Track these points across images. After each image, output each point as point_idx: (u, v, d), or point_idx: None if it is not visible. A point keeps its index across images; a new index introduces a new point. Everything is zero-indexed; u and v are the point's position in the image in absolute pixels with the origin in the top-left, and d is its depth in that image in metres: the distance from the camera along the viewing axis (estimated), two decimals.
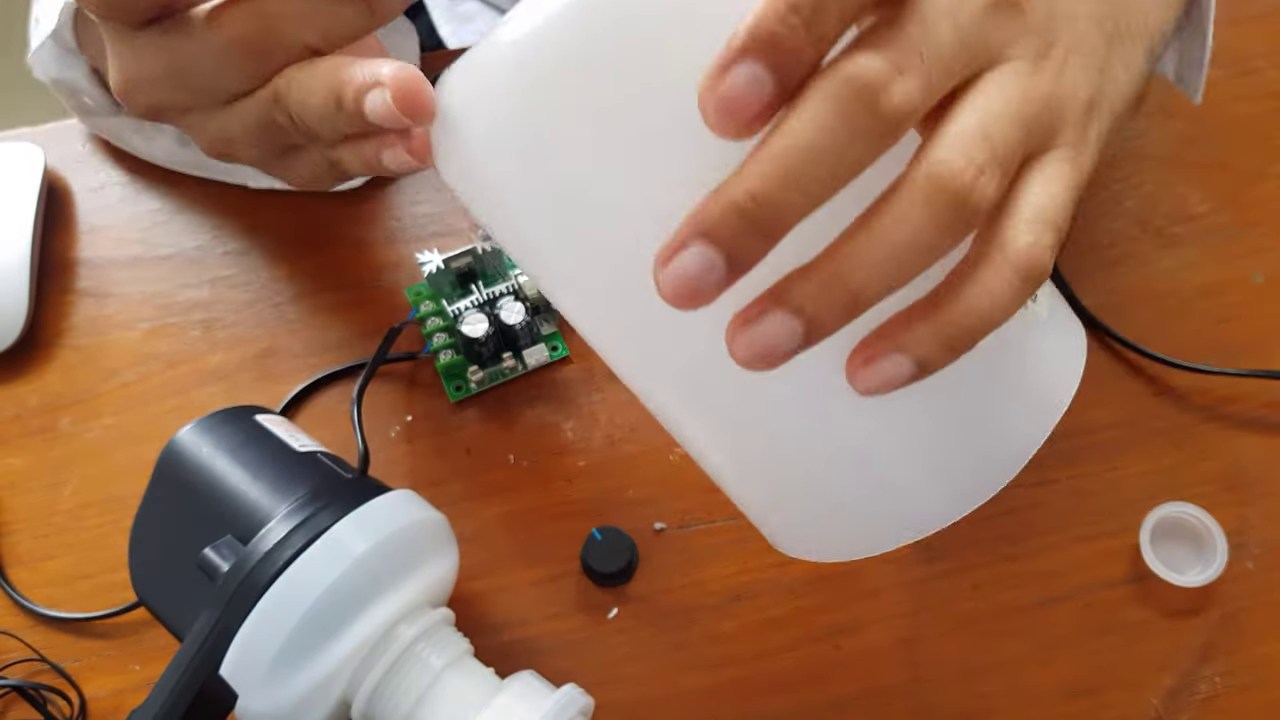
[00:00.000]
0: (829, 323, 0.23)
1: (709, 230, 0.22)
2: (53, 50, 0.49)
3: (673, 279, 0.23)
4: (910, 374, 0.24)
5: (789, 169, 0.22)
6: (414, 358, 0.48)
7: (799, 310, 0.23)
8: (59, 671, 0.44)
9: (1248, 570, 0.44)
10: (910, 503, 0.29)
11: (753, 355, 0.24)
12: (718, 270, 0.23)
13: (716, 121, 0.22)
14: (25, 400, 0.49)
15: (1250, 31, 0.54)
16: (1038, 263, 0.25)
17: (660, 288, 0.23)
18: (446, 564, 0.40)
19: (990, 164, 0.24)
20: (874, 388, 0.24)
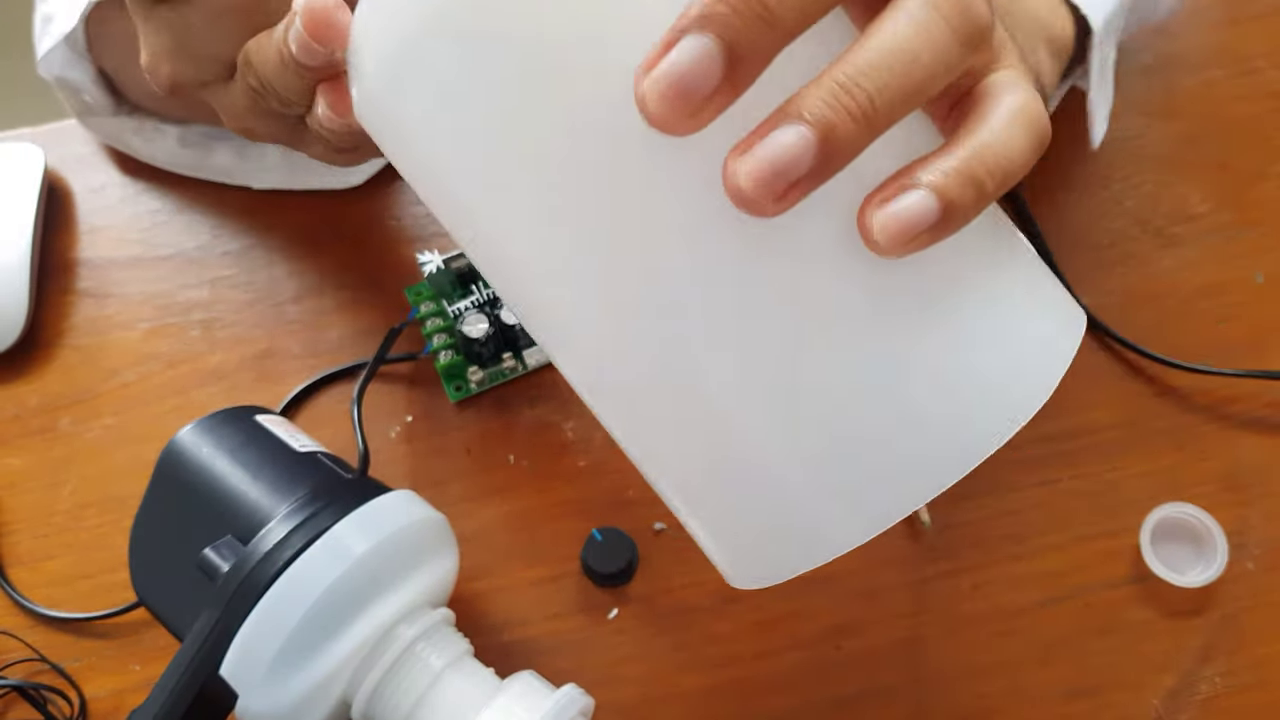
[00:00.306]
0: (847, 138, 0.20)
1: (709, 14, 0.19)
2: (63, 51, 0.49)
3: (662, 80, 0.19)
4: (935, 217, 0.21)
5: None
6: (414, 358, 0.48)
7: (815, 119, 0.20)
8: (59, 671, 0.44)
9: (1248, 570, 0.44)
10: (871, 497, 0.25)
11: (762, 179, 0.20)
12: (718, 66, 0.19)
13: None
14: (25, 400, 0.49)
15: (1250, 31, 0.54)
16: (1042, 118, 0.23)
17: (645, 103, 0.19)
18: (447, 564, 0.39)
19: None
20: (894, 237, 0.21)
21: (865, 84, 0.20)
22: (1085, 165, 0.52)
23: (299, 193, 0.52)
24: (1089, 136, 0.48)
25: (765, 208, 0.20)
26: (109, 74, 0.51)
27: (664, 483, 0.27)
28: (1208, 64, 0.54)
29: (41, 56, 0.49)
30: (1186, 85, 0.53)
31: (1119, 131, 0.52)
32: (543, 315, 0.25)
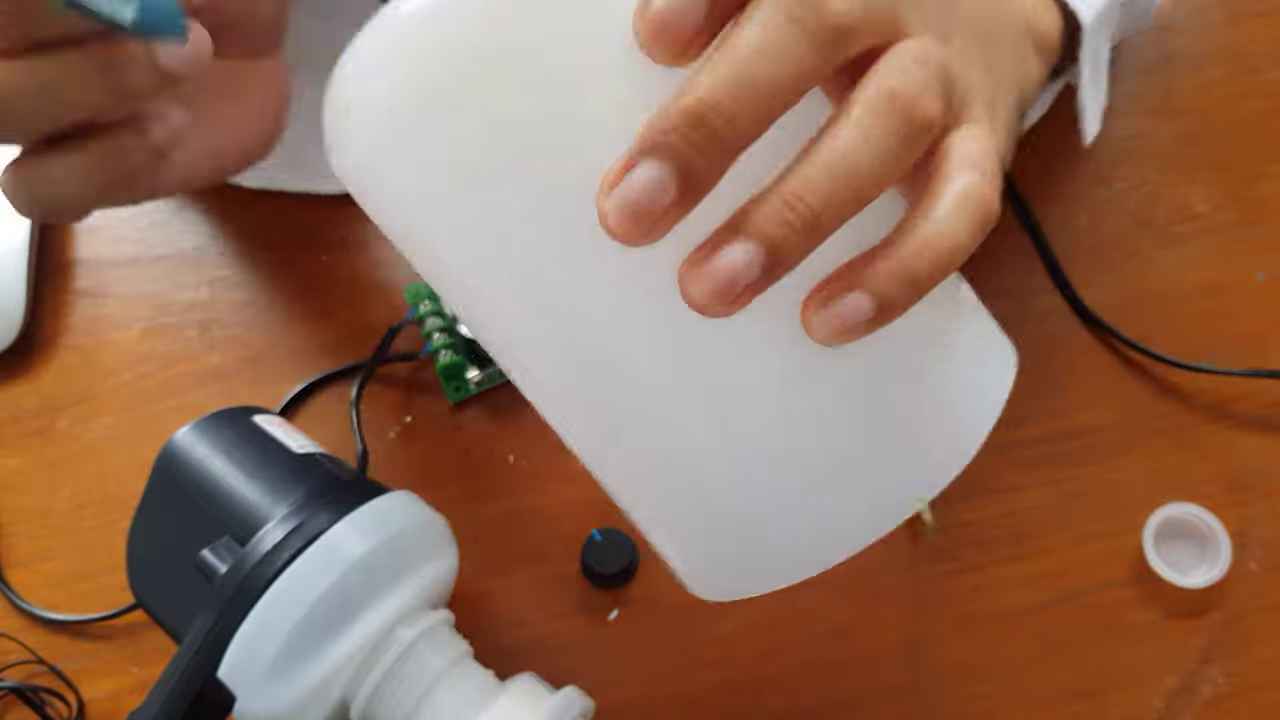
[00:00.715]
0: (791, 248, 0.22)
1: (661, 143, 0.21)
2: None
3: (620, 202, 0.21)
4: (871, 314, 0.23)
5: (741, 72, 0.21)
6: (413, 358, 0.48)
7: (760, 235, 0.21)
8: (57, 674, 0.44)
9: (1251, 571, 0.43)
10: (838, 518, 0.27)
11: (710, 292, 0.21)
12: (670, 190, 0.21)
13: (655, 32, 0.21)
14: (22, 401, 0.49)
15: (1252, 30, 0.54)
16: (991, 202, 0.24)
17: (606, 218, 0.21)
18: (446, 565, 0.39)
19: (931, 83, 0.23)
20: (832, 332, 0.23)
21: (809, 199, 0.21)
22: (1086, 164, 0.51)
23: (296, 193, 0.52)
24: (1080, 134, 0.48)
25: (717, 311, 0.22)
26: None
27: (635, 504, 0.29)
28: (1209, 63, 0.53)
29: None
30: (1188, 84, 0.53)
31: (1120, 130, 0.52)
32: (518, 371, 0.29)
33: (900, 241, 0.23)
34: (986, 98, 0.28)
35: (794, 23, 0.21)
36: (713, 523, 0.27)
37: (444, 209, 0.25)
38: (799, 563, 0.27)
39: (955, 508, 0.45)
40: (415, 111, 0.23)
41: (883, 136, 0.22)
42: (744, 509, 0.26)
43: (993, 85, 0.30)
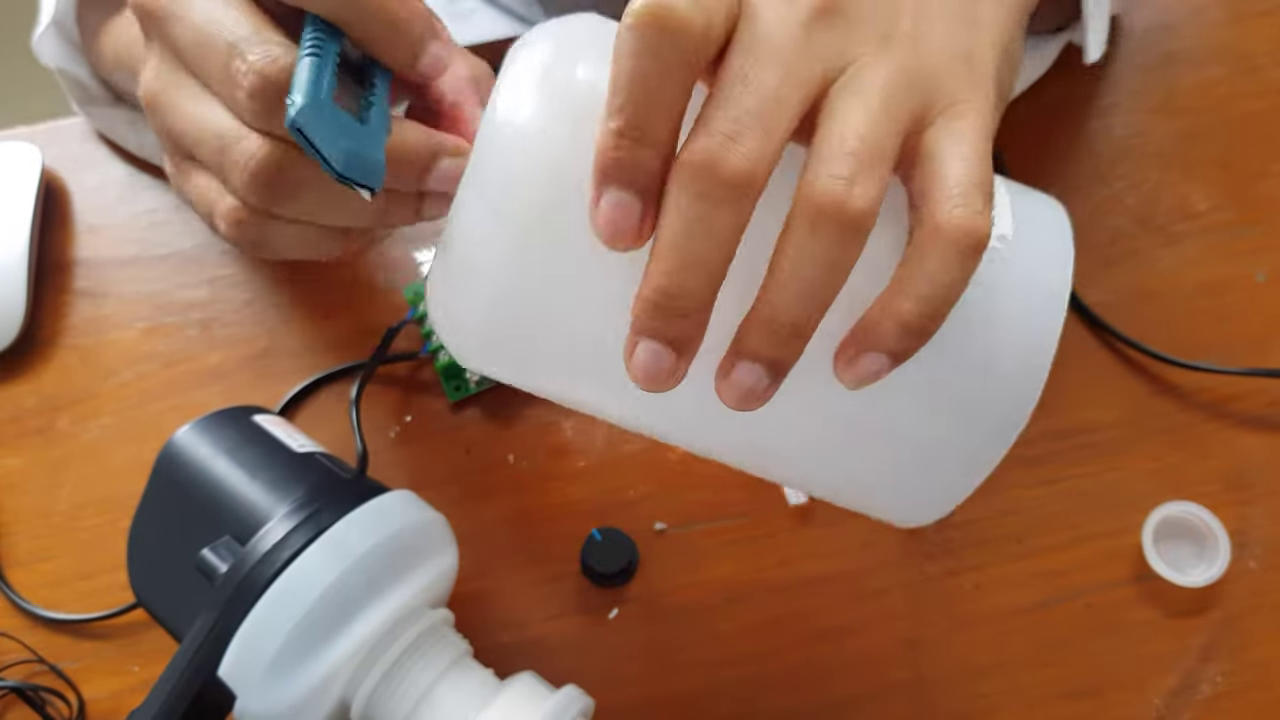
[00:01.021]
0: (786, 356, 0.26)
1: (644, 329, 0.26)
2: (55, 39, 0.49)
3: (638, 371, 0.26)
4: (890, 365, 0.26)
5: (679, 257, 0.25)
6: (413, 358, 0.48)
7: (757, 356, 0.26)
8: (58, 673, 0.44)
9: (1250, 570, 0.43)
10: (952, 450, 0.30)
11: (739, 401, 0.27)
12: (668, 357, 0.26)
13: (610, 243, 0.26)
14: (23, 401, 0.49)
15: (1252, 29, 0.54)
16: (975, 232, 0.26)
17: (635, 380, 0.26)
18: (446, 564, 0.39)
19: (859, 170, 0.25)
20: (862, 382, 0.27)
21: (784, 318, 0.25)
22: (1086, 163, 0.51)
23: None
24: (1083, 54, 0.47)
25: (752, 407, 0.27)
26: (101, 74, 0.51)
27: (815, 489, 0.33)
28: (1209, 61, 0.53)
29: (35, 42, 0.49)
30: (1188, 83, 0.53)
31: (1120, 129, 0.52)
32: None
33: (898, 299, 0.26)
34: (958, 64, 0.29)
35: (703, 199, 0.24)
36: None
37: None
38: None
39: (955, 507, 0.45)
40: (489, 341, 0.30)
41: (824, 251, 0.25)
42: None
43: (969, 34, 0.30)
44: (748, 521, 0.45)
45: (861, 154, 0.25)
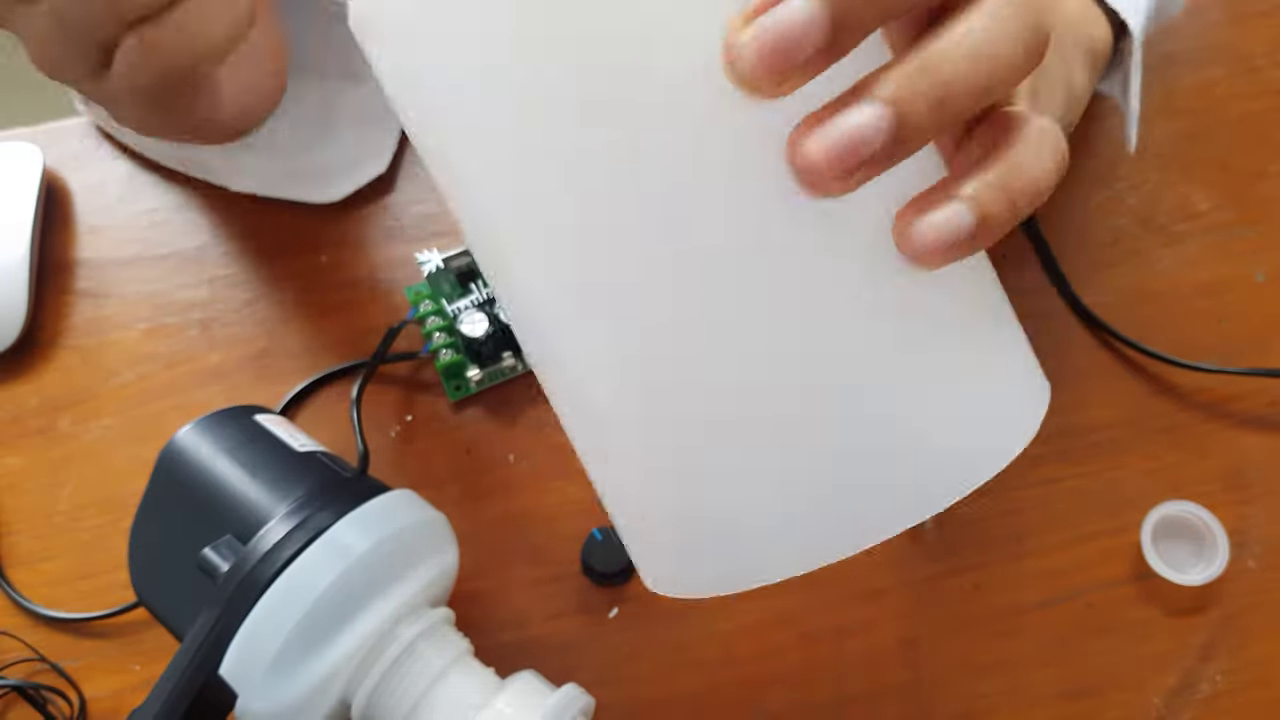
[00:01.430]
0: (919, 121, 0.20)
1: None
2: None
3: (764, 34, 0.19)
4: (970, 229, 0.21)
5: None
6: (414, 357, 0.48)
7: (888, 97, 0.20)
8: (59, 671, 0.44)
9: (1249, 569, 0.44)
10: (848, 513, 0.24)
11: (833, 153, 0.19)
12: (820, 29, 0.19)
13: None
14: (24, 401, 0.49)
15: (1251, 29, 0.54)
16: (1064, 145, 0.23)
17: (738, 51, 0.19)
18: (446, 563, 0.39)
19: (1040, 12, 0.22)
20: (928, 245, 0.21)
21: (943, 72, 0.20)
22: (1086, 164, 0.52)
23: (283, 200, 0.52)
24: (1124, 139, 0.47)
25: (829, 184, 0.20)
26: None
27: (609, 482, 0.26)
28: (1209, 62, 0.53)
29: None
30: (1187, 84, 0.53)
31: (1120, 130, 0.52)
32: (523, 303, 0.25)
33: (995, 162, 0.22)
34: (1024, 92, 0.27)
35: None
36: (689, 507, 0.24)
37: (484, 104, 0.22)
38: (772, 563, 0.24)
39: (955, 507, 0.45)
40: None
41: (1014, 33, 0.21)
42: (726, 496, 0.24)
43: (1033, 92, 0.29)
44: None
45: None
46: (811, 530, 0.24)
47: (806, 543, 0.24)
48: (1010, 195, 0.21)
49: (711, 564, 0.24)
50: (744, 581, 0.24)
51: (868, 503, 0.24)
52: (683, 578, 0.25)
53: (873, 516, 0.24)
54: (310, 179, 0.51)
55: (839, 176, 0.20)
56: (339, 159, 0.52)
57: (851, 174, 0.20)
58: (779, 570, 0.24)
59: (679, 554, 0.25)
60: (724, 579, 0.24)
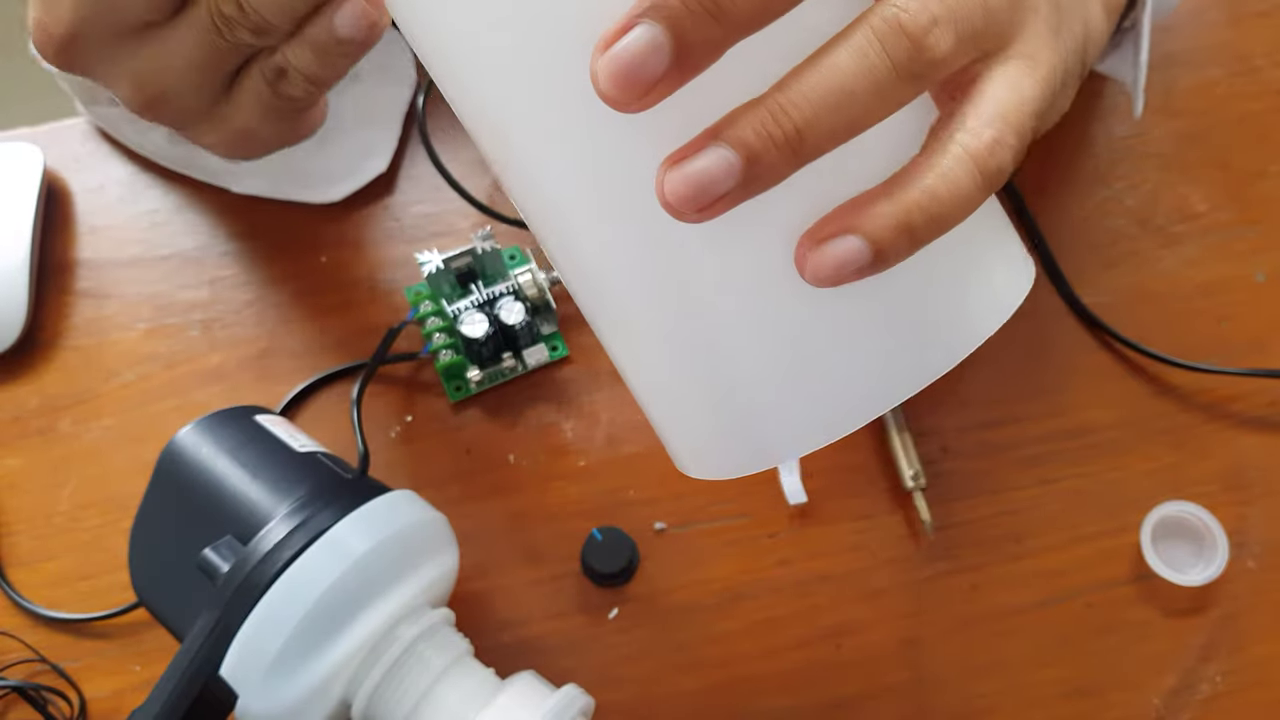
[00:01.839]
0: (770, 163, 0.21)
1: (660, 3, 0.20)
2: None
3: (612, 63, 0.20)
4: (865, 259, 0.22)
5: None
6: (414, 358, 0.48)
7: (739, 143, 0.21)
8: (59, 672, 0.44)
9: (1249, 569, 0.44)
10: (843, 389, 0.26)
11: (685, 195, 0.21)
12: (663, 56, 0.20)
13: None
14: (25, 401, 0.49)
15: (1251, 30, 0.54)
16: (999, 161, 0.24)
17: (596, 77, 0.21)
18: (447, 564, 0.39)
19: (945, 20, 0.22)
20: (825, 274, 0.22)
21: (795, 115, 0.21)
22: (1085, 164, 0.52)
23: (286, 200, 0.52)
24: (1131, 107, 0.47)
25: (689, 217, 0.21)
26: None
27: (637, 370, 0.28)
28: (1208, 62, 0.53)
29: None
30: (1187, 84, 0.53)
31: (1119, 130, 0.52)
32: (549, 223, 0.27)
33: (901, 189, 0.22)
34: (1043, 28, 0.27)
35: None
36: (713, 391, 0.26)
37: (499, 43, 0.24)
38: (790, 439, 0.26)
39: (955, 507, 0.45)
40: None
41: (882, 69, 0.21)
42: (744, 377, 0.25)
43: (1056, 13, 0.28)
44: (748, 521, 0.45)
45: (952, 12, 0.23)
46: (829, 401, 0.25)
47: (828, 411, 0.25)
48: (912, 227, 0.22)
49: (741, 444, 0.26)
50: (771, 458, 0.26)
51: (882, 367, 0.25)
52: (716, 460, 0.27)
53: (888, 380, 0.25)
54: (312, 180, 0.51)
55: (698, 210, 0.21)
56: (340, 160, 0.52)
57: (708, 209, 0.21)
58: (804, 443, 0.26)
59: (712, 438, 0.27)
60: (756, 456, 0.26)
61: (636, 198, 0.23)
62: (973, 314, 0.26)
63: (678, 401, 0.27)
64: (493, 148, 0.26)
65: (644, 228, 0.24)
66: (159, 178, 0.53)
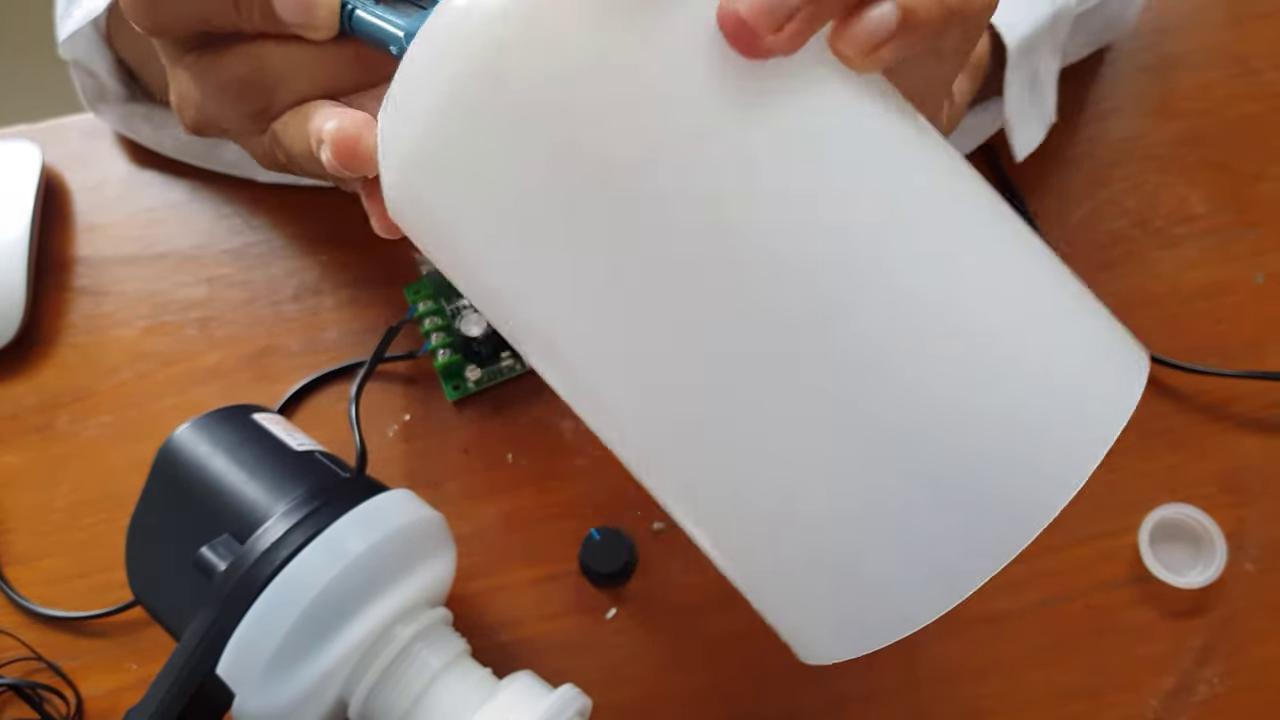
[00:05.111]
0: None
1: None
2: (89, 33, 0.49)
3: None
4: (897, 29, 0.22)
5: None
6: (412, 357, 0.48)
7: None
8: (55, 670, 0.44)
9: (1247, 571, 0.44)
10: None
11: (759, 9, 0.20)
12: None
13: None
14: (22, 399, 0.49)
15: (1251, 32, 0.54)
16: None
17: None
18: (444, 564, 0.39)
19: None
20: (861, 43, 0.22)
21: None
22: (1085, 165, 0.52)
23: (298, 191, 0.52)
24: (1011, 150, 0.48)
25: (760, 42, 0.20)
26: (127, 64, 0.51)
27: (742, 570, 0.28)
28: (1208, 64, 0.54)
29: (66, 38, 0.49)
30: (1186, 86, 0.53)
31: (1119, 132, 0.52)
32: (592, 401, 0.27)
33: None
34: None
35: None
36: (812, 578, 0.26)
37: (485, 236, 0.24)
38: (905, 615, 0.26)
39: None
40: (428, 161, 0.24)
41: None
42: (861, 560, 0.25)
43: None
44: None
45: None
46: (946, 569, 0.26)
47: (945, 582, 0.26)
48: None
49: (860, 625, 0.26)
50: (894, 633, 0.26)
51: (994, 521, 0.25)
52: (837, 644, 0.27)
53: (1002, 534, 0.26)
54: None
55: (771, 30, 0.20)
56: None
57: (782, 29, 0.20)
58: (925, 614, 0.26)
59: (831, 627, 0.27)
60: (875, 633, 0.26)
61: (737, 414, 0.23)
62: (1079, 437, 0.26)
63: (795, 594, 0.27)
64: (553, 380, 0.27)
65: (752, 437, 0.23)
66: (157, 175, 0.53)
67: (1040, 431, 0.24)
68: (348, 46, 0.29)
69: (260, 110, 0.32)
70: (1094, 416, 0.25)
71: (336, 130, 0.27)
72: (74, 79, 0.51)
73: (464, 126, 0.23)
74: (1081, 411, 0.25)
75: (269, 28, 0.29)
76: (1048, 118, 0.48)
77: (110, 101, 0.52)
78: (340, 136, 0.27)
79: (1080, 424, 0.25)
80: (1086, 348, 0.25)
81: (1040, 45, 0.45)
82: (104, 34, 0.49)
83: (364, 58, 0.30)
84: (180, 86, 0.34)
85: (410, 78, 0.24)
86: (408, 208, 0.25)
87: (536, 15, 0.21)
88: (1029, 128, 0.47)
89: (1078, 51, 0.51)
